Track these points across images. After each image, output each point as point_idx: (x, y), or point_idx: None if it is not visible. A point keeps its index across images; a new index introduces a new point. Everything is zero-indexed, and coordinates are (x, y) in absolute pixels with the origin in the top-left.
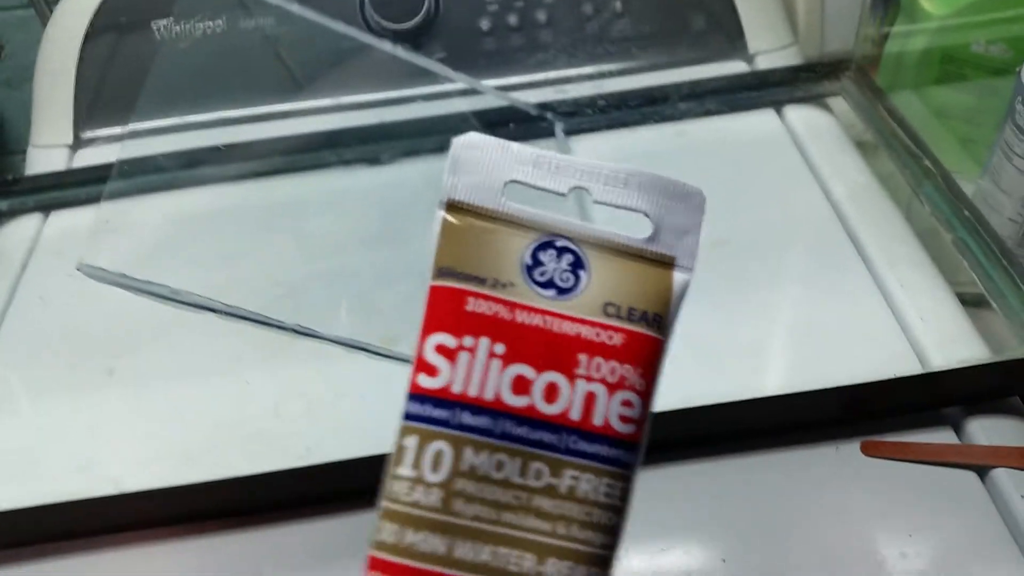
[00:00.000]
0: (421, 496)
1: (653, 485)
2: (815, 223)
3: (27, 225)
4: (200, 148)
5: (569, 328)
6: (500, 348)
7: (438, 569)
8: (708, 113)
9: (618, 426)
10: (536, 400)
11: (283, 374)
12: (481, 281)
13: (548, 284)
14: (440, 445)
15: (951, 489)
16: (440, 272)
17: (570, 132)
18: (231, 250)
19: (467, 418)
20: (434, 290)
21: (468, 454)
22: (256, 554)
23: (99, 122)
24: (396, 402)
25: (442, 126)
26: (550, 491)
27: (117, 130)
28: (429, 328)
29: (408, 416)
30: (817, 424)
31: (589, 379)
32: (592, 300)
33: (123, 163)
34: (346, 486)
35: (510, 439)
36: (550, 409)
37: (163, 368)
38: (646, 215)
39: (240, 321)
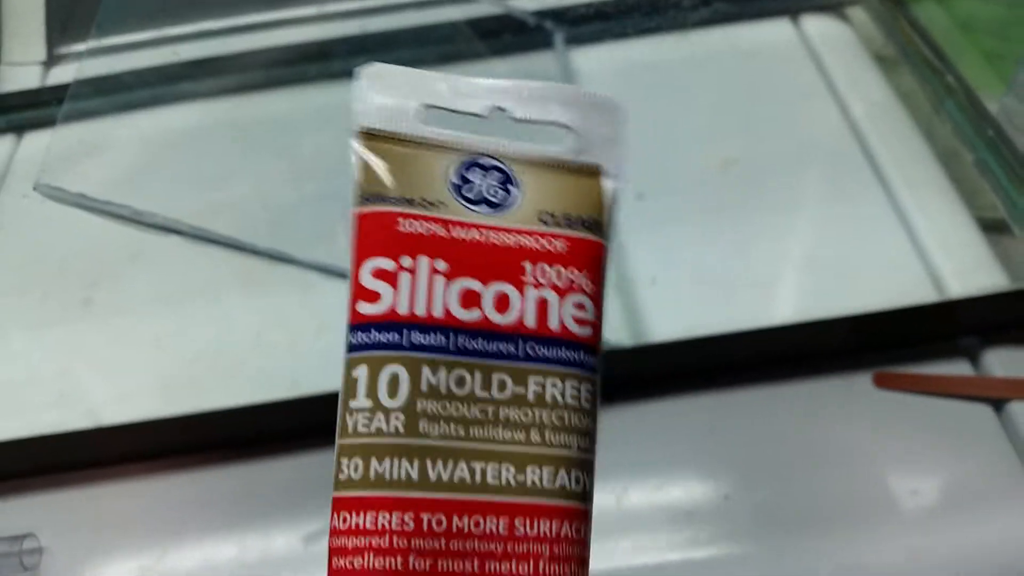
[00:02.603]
0: (382, 424)
1: (654, 419)
2: (830, 142)
3: None
4: (174, 63)
5: (509, 239)
6: (442, 265)
7: (413, 494)
8: (719, 21)
9: (575, 329)
10: (488, 312)
11: (264, 303)
12: (409, 202)
13: (479, 201)
14: (394, 369)
15: (966, 423)
16: (364, 199)
17: (571, 42)
18: (208, 171)
19: (418, 337)
20: (361, 217)
21: (426, 373)
22: (240, 489)
23: (75, 37)
24: None
25: (432, 36)
26: (517, 401)
27: (94, 45)
28: (362, 255)
29: (353, 347)
30: (827, 355)
31: (538, 286)
32: (526, 212)
33: (81, 83)
34: (332, 419)
35: (467, 353)
36: (503, 319)
37: (142, 297)
38: (568, 128)
39: (212, 245)
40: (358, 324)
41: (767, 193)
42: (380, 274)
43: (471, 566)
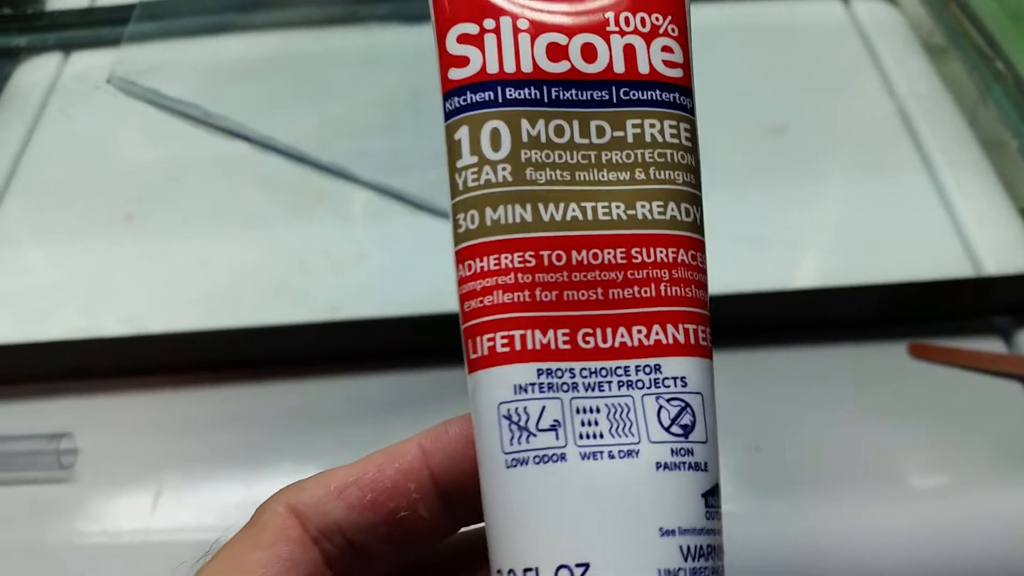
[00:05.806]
0: (490, 175)
1: None
2: (875, 120)
3: (47, 63)
4: None
5: None
6: (523, 23)
7: (529, 235)
8: None
9: (664, 71)
10: (576, 62)
11: (309, 230)
12: None
13: None
14: (493, 124)
15: (994, 399)
16: None
17: None
18: (265, 101)
19: (512, 93)
20: None
21: (525, 125)
22: (277, 407)
23: None
24: (422, 267)
25: None
26: (618, 143)
27: None
28: (444, 24)
29: (450, 113)
30: (862, 322)
31: (622, 33)
32: None
33: (145, 5)
34: (370, 346)
35: (562, 104)
36: (592, 68)
37: (184, 215)
38: None
39: (272, 155)
40: (452, 90)
41: (810, 163)
42: (465, 39)
43: (594, 294)
